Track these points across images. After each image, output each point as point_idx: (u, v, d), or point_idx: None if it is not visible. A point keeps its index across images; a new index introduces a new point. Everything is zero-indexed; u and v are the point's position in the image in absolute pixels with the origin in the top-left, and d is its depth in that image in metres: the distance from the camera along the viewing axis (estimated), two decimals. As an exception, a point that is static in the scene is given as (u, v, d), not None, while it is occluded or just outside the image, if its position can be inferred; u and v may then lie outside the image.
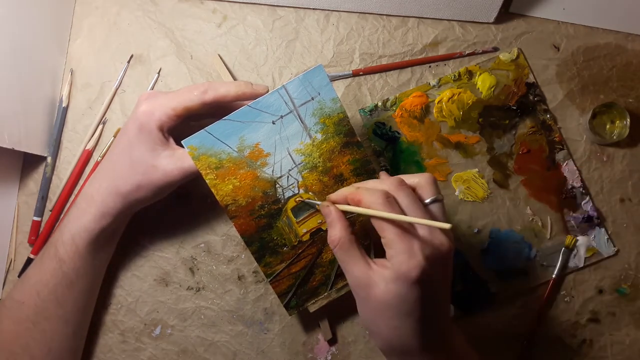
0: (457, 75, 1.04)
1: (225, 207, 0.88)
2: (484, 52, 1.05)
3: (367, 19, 1.05)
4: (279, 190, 0.89)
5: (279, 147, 0.88)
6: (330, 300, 0.95)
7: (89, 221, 0.89)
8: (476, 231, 1.03)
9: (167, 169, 0.87)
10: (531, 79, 1.04)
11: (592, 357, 1.03)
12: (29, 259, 1.02)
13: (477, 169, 1.03)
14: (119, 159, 0.89)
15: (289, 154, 0.89)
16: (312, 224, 0.91)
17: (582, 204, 1.03)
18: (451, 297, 0.97)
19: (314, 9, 1.06)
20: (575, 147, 1.04)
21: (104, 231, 0.91)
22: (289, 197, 0.90)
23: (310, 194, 0.90)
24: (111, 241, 0.97)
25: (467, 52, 1.05)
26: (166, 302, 1.03)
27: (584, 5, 1.02)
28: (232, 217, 0.89)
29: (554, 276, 1.02)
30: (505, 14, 1.05)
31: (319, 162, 0.90)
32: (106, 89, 1.05)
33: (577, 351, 1.03)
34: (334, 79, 1.04)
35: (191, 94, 0.87)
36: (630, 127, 1.00)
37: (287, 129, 0.88)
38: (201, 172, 0.86)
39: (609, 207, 1.04)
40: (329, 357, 1.03)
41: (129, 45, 1.06)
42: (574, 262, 1.03)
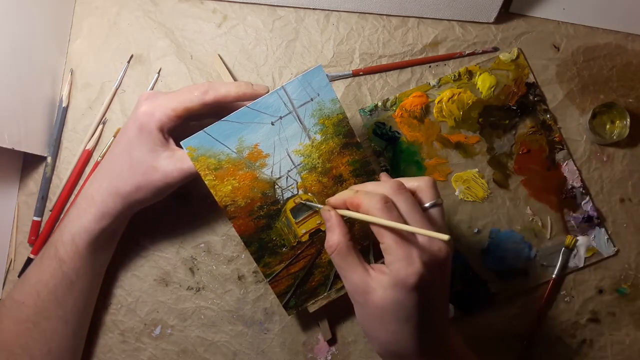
0: (457, 75, 1.04)
1: (224, 208, 0.89)
2: (484, 52, 1.05)
3: (367, 19, 1.05)
4: (278, 191, 0.90)
5: (278, 148, 0.88)
6: (329, 300, 0.95)
7: (88, 221, 0.89)
8: (476, 231, 1.03)
9: (167, 170, 0.87)
10: (531, 79, 1.04)
11: (592, 357, 1.03)
12: (29, 259, 1.02)
13: (477, 169, 1.03)
14: (118, 159, 0.89)
15: (288, 155, 0.89)
16: (311, 224, 0.91)
17: (582, 204, 1.03)
18: (451, 297, 0.98)
19: (314, 9, 1.06)
20: (575, 147, 1.04)
21: (103, 231, 0.91)
22: (288, 198, 0.90)
23: (309, 194, 0.90)
24: (111, 241, 0.97)
25: (467, 52, 1.04)
26: (166, 302, 1.03)
27: (584, 5, 1.02)
28: (231, 218, 0.89)
29: (554, 276, 1.02)
30: (505, 14, 1.05)
31: (318, 163, 0.90)
32: (106, 89, 1.05)
33: (577, 351, 1.03)
34: (334, 79, 1.04)
35: (191, 94, 0.87)
36: (630, 127, 0.99)
37: (286, 129, 0.88)
38: (200, 173, 0.86)
39: (609, 207, 1.04)
40: (329, 357, 1.03)
41: (129, 45, 1.06)
42: (574, 262, 1.03)
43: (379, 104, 1.03)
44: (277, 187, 0.89)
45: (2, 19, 0.91)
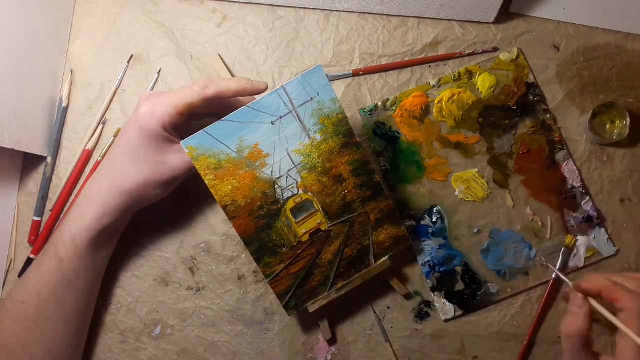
0: (457, 75, 1.04)
1: (224, 208, 0.89)
2: (484, 52, 1.05)
3: (367, 19, 1.05)
4: (278, 190, 0.90)
5: (278, 148, 0.88)
6: (329, 300, 0.95)
7: (90, 220, 0.89)
8: (476, 231, 1.03)
9: (174, 163, 0.88)
10: (531, 79, 1.04)
11: (592, 357, 1.03)
12: (29, 259, 1.02)
13: (477, 169, 1.03)
14: (120, 160, 0.89)
15: (288, 155, 0.89)
16: (311, 224, 0.91)
17: (582, 204, 1.03)
18: (451, 297, 0.98)
19: (314, 9, 1.06)
20: (575, 147, 1.04)
21: (105, 230, 0.91)
22: (288, 198, 0.90)
23: (309, 194, 0.91)
24: (111, 241, 0.97)
25: (467, 52, 1.04)
26: (166, 302, 1.03)
27: (584, 5, 1.02)
28: (231, 218, 0.89)
29: (554, 276, 1.01)
30: (505, 14, 1.05)
31: (318, 162, 0.90)
32: (106, 89, 1.05)
33: (577, 351, 1.03)
34: (334, 79, 1.04)
35: (192, 90, 0.86)
36: (630, 127, 0.99)
37: (286, 129, 0.88)
38: (200, 172, 0.87)
39: (609, 207, 1.04)
40: (329, 357, 1.03)
41: (129, 45, 1.07)
42: (574, 262, 1.02)
43: (379, 104, 1.03)
44: (277, 186, 0.89)
45: (2, 19, 0.91)
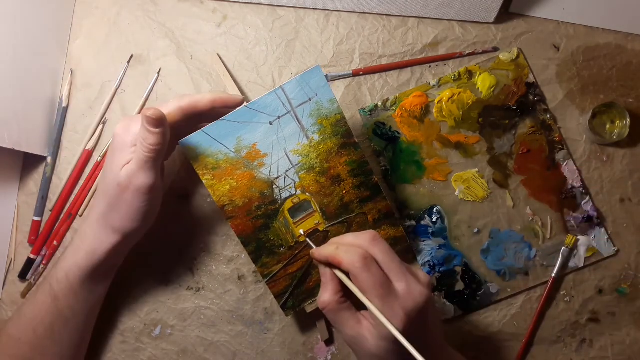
0: (457, 75, 1.04)
1: (222, 208, 0.89)
2: (484, 52, 1.05)
3: (367, 19, 1.05)
4: (276, 191, 0.90)
5: (276, 148, 0.88)
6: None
7: (81, 258, 0.88)
8: (476, 231, 1.03)
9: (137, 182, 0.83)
10: (531, 79, 1.04)
11: (592, 357, 1.03)
12: (29, 259, 1.02)
13: (477, 169, 1.03)
14: (103, 189, 0.86)
15: (286, 155, 0.89)
16: (309, 224, 0.92)
17: (582, 204, 1.03)
18: (451, 297, 0.98)
19: (314, 9, 1.06)
20: (575, 147, 1.03)
21: (97, 269, 0.90)
22: (286, 198, 0.90)
23: (307, 194, 0.91)
24: (107, 277, 0.95)
25: (467, 52, 1.04)
26: (166, 302, 1.03)
27: (584, 5, 1.02)
28: (229, 218, 0.89)
29: (554, 275, 1.01)
30: (505, 14, 1.04)
31: (316, 163, 0.90)
32: (106, 89, 1.06)
33: (577, 351, 1.03)
34: (334, 79, 1.04)
35: (167, 103, 0.85)
36: (630, 127, 0.99)
37: (285, 129, 0.88)
38: (198, 172, 0.87)
39: (609, 207, 1.03)
40: (329, 357, 1.03)
41: (129, 45, 1.07)
42: (574, 262, 1.02)
43: (379, 104, 1.03)
44: (275, 186, 0.90)
45: (3, 19, 0.91)
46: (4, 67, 0.92)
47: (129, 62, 1.06)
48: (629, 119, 0.99)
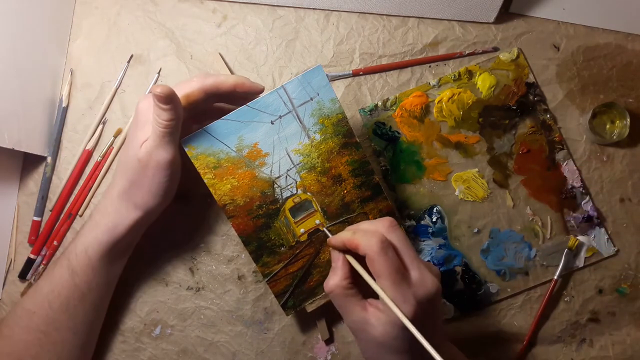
0: (457, 75, 1.04)
1: (223, 207, 0.89)
2: (484, 52, 1.05)
3: (367, 18, 1.05)
4: (277, 190, 0.90)
5: (278, 147, 0.88)
6: (327, 300, 0.95)
7: (102, 233, 0.89)
8: (476, 231, 1.03)
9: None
10: (531, 79, 1.04)
11: (592, 356, 1.03)
12: (29, 259, 1.02)
13: (477, 169, 1.03)
14: (124, 165, 0.87)
15: (288, 154, 0.89)
16: (310, 224, 0.91)
17: (582, 203, 1.03)
18: (451, 297, 0.98)
19: (314, 9, 1.06)
20: (575, 147, 1.04)
21: (116, 244, 0.90)
22: (287, 197, 0.90)
23: (308, 194, 0.91)
24: (124, 255, 0.97)
25: (467, 52, 1.04)
26: (166, 302, 1.03)
27: (584, 5, 1.02)
28: (230, 217, 0.89)
29: (556, 277, 1.01)
30: (505, 14, 1.05)
31: (318, 162, 0.90)
32: (106, 89, 1.05)
33: (577, 351, 1.03)
34: (334, 79, 1.04)
35: (191, 82, 0.85)
36: (630, 127, 0.99)
37: (286, 129, 0.88)
38: (199, 171, 0.87)
39: (609, 207, 1.04)
40: (329, 357, 1.03)
41: (129, 45, 1.07)
42: (574, 262, 1.02)
43: (379, 103, 1.03)
44: (276, 186, 0.89)
45: (3, 19, 0.91)
46: (4, 67, 0.92)
47: (129, 62, 1.06)
48: (629, 119, 0.99)
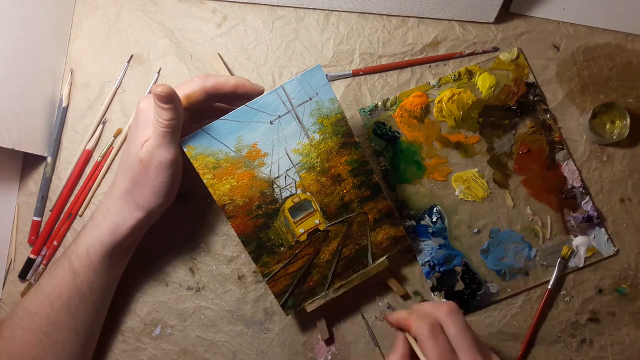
0: (457, 75, 1.04)
1: (222, 207, 0.89)
2: (484, 52, 1.05)
3: (367, 18, 1.05)
4: (277, 190, 0.90)
5: (277, 147, 0.88)
6: (327, 300, 0.95)
7: (104, 234, 0.89)
8: (476, 231, 1.03)
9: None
10: (531, 79, 1.04)
11: (592, 357, 1.03)
12: (29, 259, 1.02)
13: (477, 169, 1.03)
14: (126, 165, 0.87)
15: (287, 154, 0.89)
16: (309, 224, 0.91)
17: (582, 203, 1.03)
18: (451, 297, 0.98)
19: (314, 9, 1.06)
20: (575, 147, 1.04)
21: (118, 245, 0.90)
22: (287, 197, 0.90)
23: (307, 194, 0.91)
24: (125, 255, 0.97)
25: (467, 52, 1.04)
26: (166, 302, 1.03)
27: (584, 5, 1.02)
28: (229, 217, 0.89)
29: (550, 287, 1.01)
30: (505, 14, 1.05)
31: (317, 162, 0.90)
32: (106, 89, 1.05)
33: (577, 351, 1.03)
34: (334, 79, 1.04)
35: (192, 82, 0.85)
36: (630, 127, 0.99)
37: (285, 129, 0.88)
38: (198, 171, 0.87)
39: (609, 207, 1.03)
40: (329, 357, 1.03)
41: (129, 45, 1.07)
42: (574, 262, 1.02)
43: (379, 103, 1.03)
44: (275, 186, 0.90)
45: (3, 19, 0.91)
46: (4, 67, 0.92)
47: (129, 62, 1.06)
48: (629, 119, 0.99)
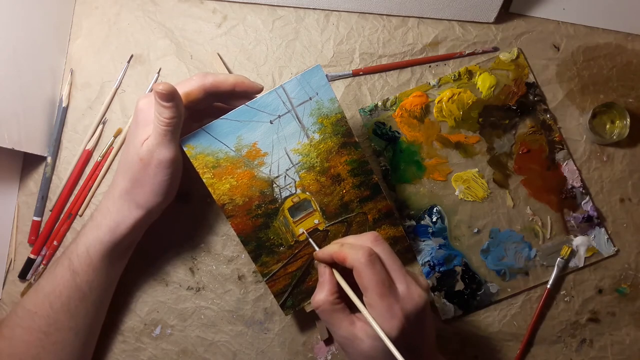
0: (457, 75, 1.04)
1: (222, 207, 0.89)
2: (484, 52, 1.05)
3: (367, 18, 1.05)
4: (276, 189, 0.90)
5: (277, 147, 0.88)
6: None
7: (104, 234, 0.89)
8: (476, 231, 1.03)
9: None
10: (531, 79, 1.04)
11: (592, 357, 1.03)
12: (29, 259, 1.02)
13: (477, 169, 1.03)
14: (125, 164, 0.87)
15: (287, 154, 0.89)
16: (308, 224, 0.91)
17: (582, 203, 1.03)
18: (451, 297, 0.98)
19: (314, 9, 1.06)
20: (575, 147, 1.03)
21: (118, 244, 0.90)
22: (286, 197, 0.90)
23: (307, 193, 0.91)
24: (125, 255, 0.97)
25: (467, 52, 1.04)
26: (166, 302, 1.03)
27: (584, 5, 1.02)
28: (229, 217, 0.89)
29: (550, 287, 1.01)
30: (505, 14, 1.05)
31: (317, 162, 0.90)
32: (106, 89, 1.06)
33: (577, 351, 1.03)
34: (334, 79, 1.04)
35: (190, 80, 0.85)
36: (630, 127, 0.99)
37: (285, 128, 0.88)
38: (198, 171, 0.87)
39: (609, 207, 1.03)
40: (329, 357, 1.03)
41: (129, 45, 1.07)
42: (574, 262, 1.02)
43: (379, 103, 1.03)
44: (275, 185, 0.90)
45: (3, 19, 0.91)
46: (4, 67, 0.92)
47: (129, 62, 1.06)
48: (629, 119, 0.99)
